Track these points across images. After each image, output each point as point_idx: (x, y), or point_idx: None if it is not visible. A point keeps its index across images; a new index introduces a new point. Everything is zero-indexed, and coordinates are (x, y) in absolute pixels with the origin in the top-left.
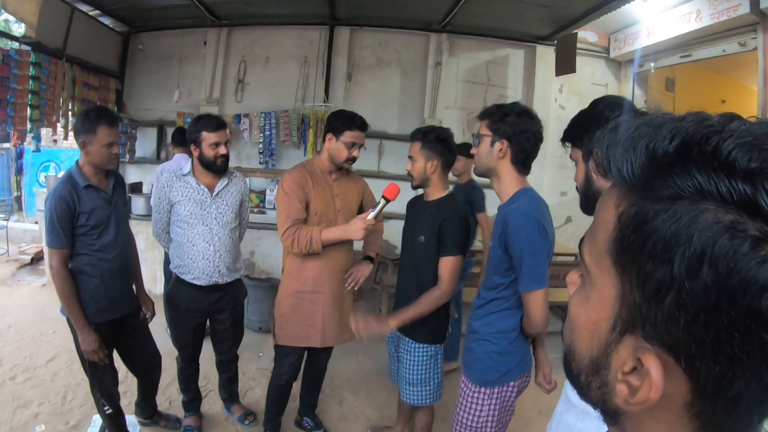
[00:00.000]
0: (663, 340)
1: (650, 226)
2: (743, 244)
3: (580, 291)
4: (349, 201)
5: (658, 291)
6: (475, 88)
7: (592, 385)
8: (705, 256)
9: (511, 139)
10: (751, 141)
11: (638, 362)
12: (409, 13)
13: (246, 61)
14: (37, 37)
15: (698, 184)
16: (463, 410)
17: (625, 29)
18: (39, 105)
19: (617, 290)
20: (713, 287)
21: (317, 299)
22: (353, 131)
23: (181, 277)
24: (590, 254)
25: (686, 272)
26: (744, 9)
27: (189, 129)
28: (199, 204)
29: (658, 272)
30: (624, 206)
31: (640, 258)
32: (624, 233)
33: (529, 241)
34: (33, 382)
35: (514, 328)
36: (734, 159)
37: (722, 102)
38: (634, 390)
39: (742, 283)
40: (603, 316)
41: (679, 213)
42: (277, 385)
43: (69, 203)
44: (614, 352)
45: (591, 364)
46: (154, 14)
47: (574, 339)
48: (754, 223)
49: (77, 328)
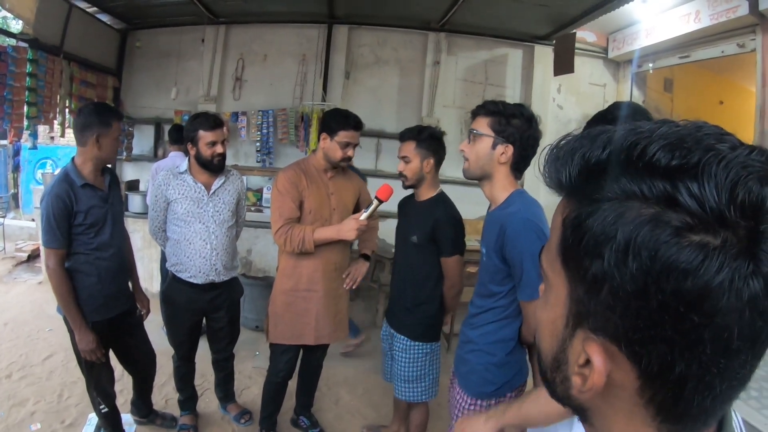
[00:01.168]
0: (605, 329)
1: (584, 226)
2: (664, 233)
3: (543, 296)
4: (345, 199)
5: (594, 284)
6: (473, 87)
7: (557, 381)
8: (629, 247)
9: (516, 145)
10: (674, 141)
11: (585, 352)
12: (408, 12)
13: (244, 59)
14: (35, 33)
15: (623, 185)
16: None
17: (624, 29)
18: (36, 102)
19: (567, 289)
20: (639, 274)
21: (311, 297)
22: (347, 131)
23: (178, 276)
24: (546, 259)
25: (615, 264)
26: (743, 10)
27: (186, 127)
28: (196, 202)
29: (593, 267)
30: (567, 212)
31: (579, 256)
32: (566, 235)
33: (530, 248)
34: (29, 380)
35: (512, 338)
36: (657, 160)
37: (720, 103)
38: (586, 379)
39: (665, 268)
40: (558, 314)
41: (606, 212)
42: (272, 383)
43: (66, 202)
44: (570, 347)
45: (553, 360)
46: (152, 11)
47: (540, 340)
48: (677, 215)
49: (75, 327)
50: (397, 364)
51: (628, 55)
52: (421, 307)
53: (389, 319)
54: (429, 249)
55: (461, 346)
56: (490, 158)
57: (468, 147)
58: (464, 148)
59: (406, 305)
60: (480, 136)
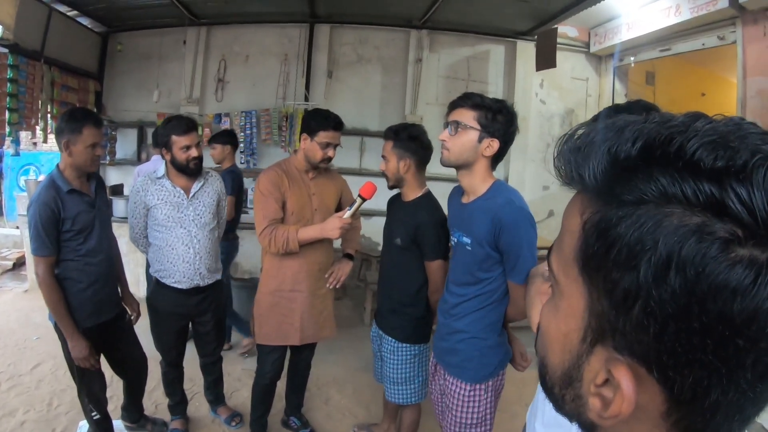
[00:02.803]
0: (633, 350)
1: (614, 233)
2: (711, 247)
3: (550, 302)
4: (327, 200)
5: (625, 300)
6: (456, 83)
7: (566, 398)
8: (672, 261)
9: (500, 139)
10: (716, 139)
11: (610, 374)
12: (389, 10)
13: (226, 60)
14: (15, 39)
15: (662, 186)
16: (461, 410)
17: (605, 24)
18: (17, 108)
19: (585, 300)
20: (682, 293)
21: (296, 298)
22: (327, 131)
23: (162, 281)
24: (558, 264)
25: (653, 279)
26: (723, 3)
27: (159, 132)
28: (176, 207)
29: (624, 280)
30: (588, 213)
31: (606, 266)
32: (588, 241)
33: (528, 236)
34: (18, 389)
35: (499, 320)
36: (699, 159)
37: (702, 95)
38: (607, 403)
39: (712, 287)
40: (573, 327)
41: (643, 218)
42: (261, 384)
43: (53, 209)
44: (586, 364)
45: (564, 376)
46: (132, 14)
47: (547, 351)
48: (723, 225)
49: (67, 335)
50: (387, 365)
51: (609, 49)
52: (408, 309)
53: (378, 320)
54: (412, 251)
55: (446, 338)
56: (474, 150)
57: (450, 137)
58: (445, 138)
59: (393, 307)
60: (466, 128)
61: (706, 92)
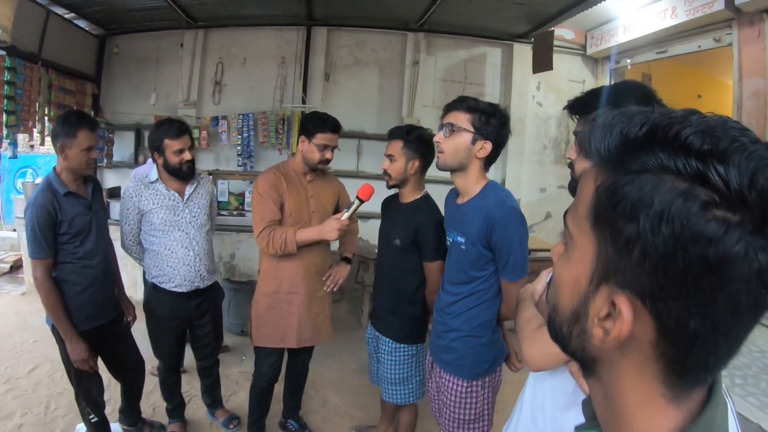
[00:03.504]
0: (632, 285)
1: (621, 193)
2: (694, 206)
3: (564, 255)
4: (324, 202)
5: (627, 245)
6: (452, 86)
7: (573, 334)
8: (664, 214)
9: (493, 142)
10: (705, 129)
11: (611, 306)
12: (386, 13)
13: (223, 63)
14: (12, 41)
15: (661, 160)
16: (458, 407)
17: (602, 26)
18: (15, 110)
19: (594, 248)
20: (670, 239)
21: (293, 300)
22: (325, 133)
23: (161, 286)
24: (573, 221)
25: (649, 228)
26: (719, 5)
27: (150, 137)
28: (172, 210)
29: (627, 229)
30: (601, 180)
31: (613, 219)
32: (600, 200)
33: (519, 234)
34: (15, 392)
35: (493, 318)
36: (690, 142)
37: (698, 97)
38: (608, 332)
39: (693, 236)
40: (582, 272)
41: (644, 182)
42: (258, 387)
43: (50, 212)
44: (591, 302)
45: (572, 315)
46: (129, 16)
47: (558, 296)
48: (704, 191)
49: (65, 338)
50: (383, 366)
51: (606, 51)
52: (405, 308)
53: (373, 321)
54: (411, 252)
55: (442, 336)
56: (468, 152)
57: (445, 140)
58: (440, 140)
59: (390, 307)
60: (460, 130)
61: (703, 94)
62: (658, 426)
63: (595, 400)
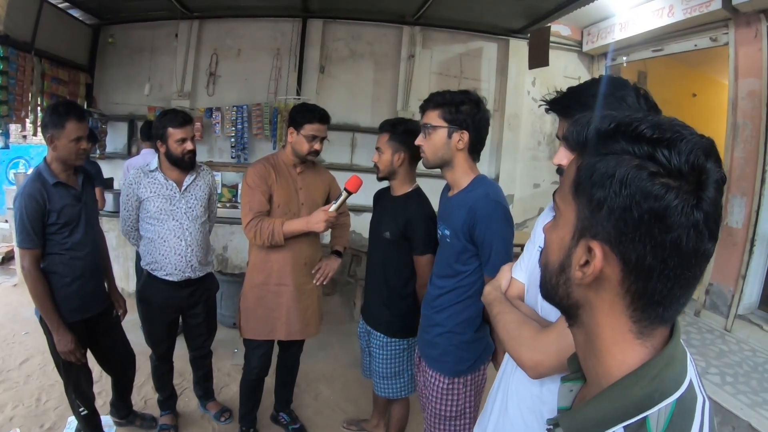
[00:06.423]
0: (602, 235)
1: (593, 168)
2: (644, 174)
3: (552, 224)
4: (314, 194)
5: (598, 205)
6: (448, 80)
7: (559, 283)
8: (624, 181)
9: (470, 129)
10: (655, 124)
11: (588, 254)
12: (382, 6)
13: (218, 54)
14: (5, 30)
15: (623, 146)
16: (439, 402)
17: (598, 23)
18: (7, 100)
19: (575, 212)
20: (628, 198)
21: (282, 292)
22: (313, 124)
23: (153, 274)
24: (559, 196)
25: (613, 192)
26: (716, 5)
27: (154, 125)
28: (168, 199)
29: (598, 194)
30: (580, 161)
31: (588, 188)
32: (579, 175)
33: (501, 229)
34: (6, 384)
35: (478, 316)
36: (644, 133)
37: (693, 95)
38: (586, 273)
39: (644, 195)
40: (566, 232)
41: (610, 161)
42: (248, 380)
43: (39, 201)
44: (573, 254)
45: (559, 267)
46: (124, 6)
47: (549, 255)
48: (652, 165)
49: (52, 328)
50: (375, 360)
51: (602, 48)
52: (397, 302)
53: (365, 315)
54: (402, 245)
55: (427, 330)
56: (447, 147)
57: (424, 141)
58: (420, 143)
59: (382, 301)
60: (434, 128)
61: (698, 93)
62: (630, 357)
63: (578, 346)
